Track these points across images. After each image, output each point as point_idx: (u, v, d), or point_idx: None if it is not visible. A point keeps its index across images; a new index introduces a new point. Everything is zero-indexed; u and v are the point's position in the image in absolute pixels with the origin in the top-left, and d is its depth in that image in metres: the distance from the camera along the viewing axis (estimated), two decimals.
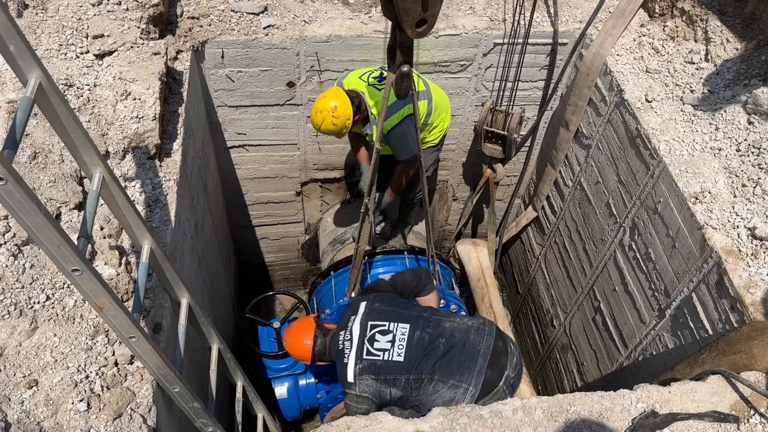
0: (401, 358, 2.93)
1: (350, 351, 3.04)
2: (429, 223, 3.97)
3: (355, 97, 3.50)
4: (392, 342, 2.98)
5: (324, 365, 3.44)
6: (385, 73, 3.65)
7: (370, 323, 3.09)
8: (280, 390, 4.07)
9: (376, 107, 3.57)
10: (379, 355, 2.96)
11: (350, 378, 2.99)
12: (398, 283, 3.41)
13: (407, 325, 3.03)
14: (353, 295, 4.20)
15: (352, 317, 3.17)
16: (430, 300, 3.46)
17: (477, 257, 5.16)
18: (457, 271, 5.18)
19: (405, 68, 2.63)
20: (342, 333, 3.15)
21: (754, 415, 2.30)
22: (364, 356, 2.99)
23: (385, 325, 3.06)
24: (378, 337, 3.02)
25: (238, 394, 3.01)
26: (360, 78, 3.65)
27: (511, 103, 4.37)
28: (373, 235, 4.48)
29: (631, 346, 3.71)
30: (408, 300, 3.36)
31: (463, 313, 3.99)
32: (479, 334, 2.97)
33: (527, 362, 5.34)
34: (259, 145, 4.62)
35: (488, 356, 2.88)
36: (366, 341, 3.02)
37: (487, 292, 4.93)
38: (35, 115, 2.60)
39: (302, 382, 4.10)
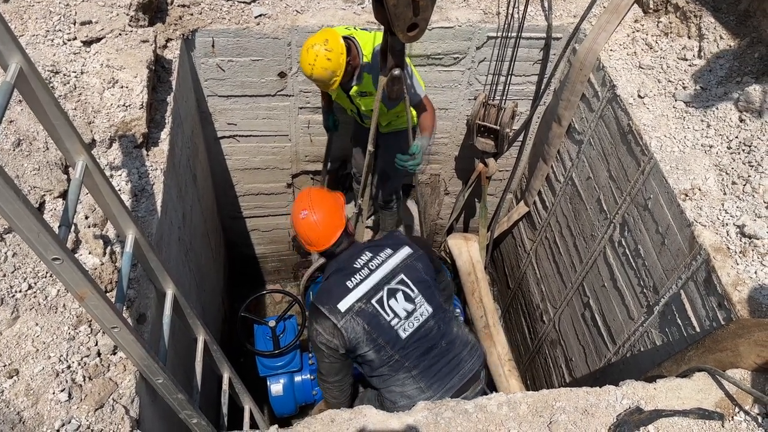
0: (404, 334, 2.65)
1: (363, 282, 2.66)
2: (422, 220, 3.98)
3: (346, 38, 3.27)
4: (409, 314, 2.67)
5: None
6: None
7: (402, 276, 2.71)
8: (276, 387, 4.07)
9: (366, 47, 3.35)
10: (388, 316, 2.64)
11: (343, 306, 2.60)
12: (443, 274, 3.05)
13: (431, 309, 2.72)
14: None
15: (389, 252, 2.76)
16: None
17: (468, 252, 5.16)
18: (449, 266, 5.18)
19: (396, 72, 2.63)
20: (367, 254, 2.74)
21: (738, 412, 2.31)
22: (374, 302, 2.64)
23: (413, 292, 2.71)
24: (399, 298, 2.67)
25: (225, 386, 3.00)
26: (346, 29, 3.47)
27: (504, 98, 4.35)
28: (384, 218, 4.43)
29: (619, 342, 3.71)
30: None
31: (462, 318, 3.90)
32: (471, 354, 2.82)
33: (516, 357, 5.35)
34: (250, 135, 4.58)
35: (466, 378, 2.76)
36: (386, 290, 2.67)
37: (477, 287, 4.93)
38: (20, 101, 2.56)
39: (297, 378, 4.10)
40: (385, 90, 2.69)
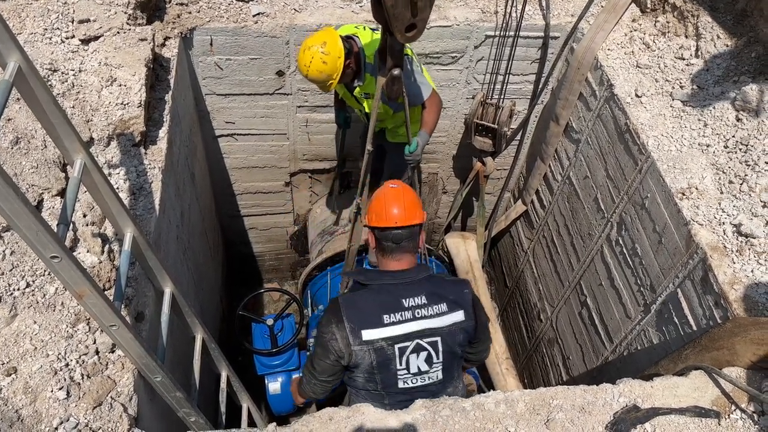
0: (403, 385, 2.48)
1: (399, 324, 2.39)
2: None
3: (345, 39, 3.25)
4: (419, 373, 2.47)
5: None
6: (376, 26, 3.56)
7: (437, 340, 2.45)
8: (274, 386, 4.07)
9: (368, 48, 3.33)
10: (400, 365, 2.44)
11: (366, 336, 2.37)
12: (481, 344, 2.72)
13: (441, 377, 2.52)
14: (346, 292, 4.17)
15: (444, 309, 2.45)
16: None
17: (466, 250, 5.16)
18: (446, 265, 5.18)
19: (396, 72, 2.63)
20: (423, 298, 2.43)
21: (735, 410, 2.32)
22: (396, 347, 2.42)
23: (437, 358, 2.47)
24: (421, 356, 2.45)
25: (223, 384, 3.00)
26: (356, 27, 3.46)
27: (502, 97, 4.36)
28: None
29: (616, 340, 3.72)
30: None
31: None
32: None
33: (514, 356, 5.36)
34: (248, 134, 4.59)
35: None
36: (415, 343, 2.43)
37: (475, 286, 4.94)
38: (18, 99, 2.56)
39: (295, 377, 4.10)
40: (384, 90, 2.69)
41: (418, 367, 2.45)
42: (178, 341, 2.89)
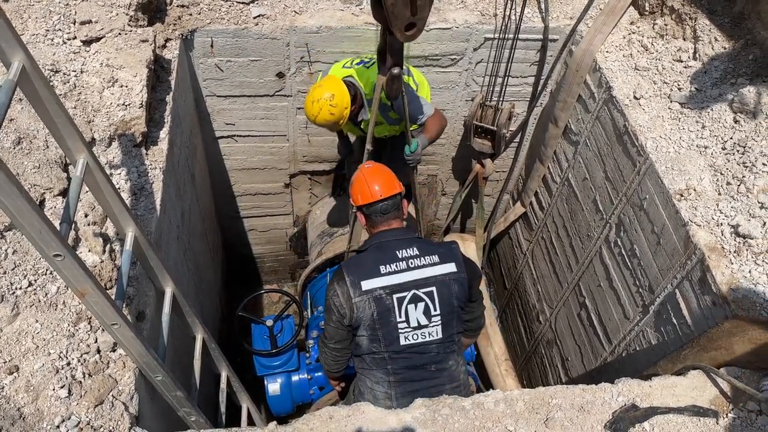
0: (403, 342, 2.59)
1: (395, 273, 2.58)
2: (419, 221, 4.00)
3: (350, 86, 3.34)
4: (419, 326, 2.59)
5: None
6: (365, 57, 3.62)
7: (432, 289, 2.61)
8: (273, 386, 4.07)
9: (367, 86, 3.43)
10: (399, 317, 2.57)
11: (365, 285, 2.54)
12: (476, 306, 2.88)
13: (440, 335, 2.63)
14: None
15: (436, 259, 2.63)
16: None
17: (465, 252, 5.17)
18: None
19: (396, 71, 2.65)
20: (415, 249, 2.63)
21: (733, 409, 2.33)
22: (394, 297, 2.56)
23: (434, 310, 2.60)
24: (419, 307, 2.59)
25: (222, 384, 3.02)
26: (344, 67, 3.58)
27: (501, 99, 4.38)
28: None
29: (615, 341, 3.73)
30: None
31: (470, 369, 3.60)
32: (452, 392, 2.66)
33: (513, 357, 5.37)
34: (248, 135, 4.60)
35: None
36: (412, 293, 2.57)
37: None
38: (20, 100, 2.57)
39: (295, 378, 4.10)
40: (384, 88, 2.71)
41: (418, 321, 2.58)
42: (178, 341, 2.90)
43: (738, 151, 3.03)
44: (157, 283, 2.44)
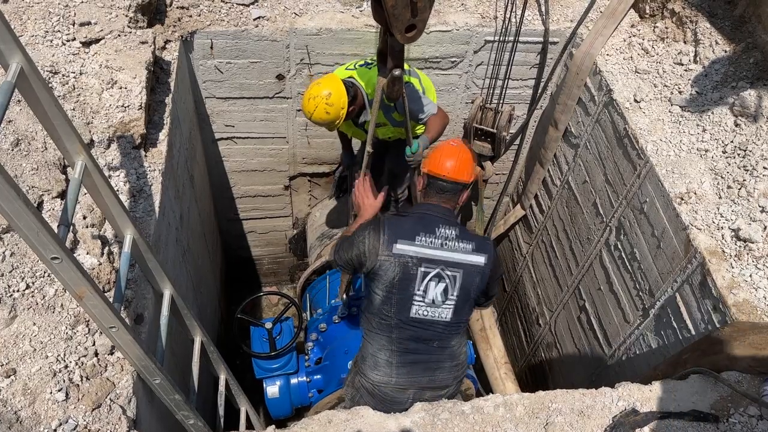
0: (413, 314, 2.66)
1: (429, 248, 2.65)
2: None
3: (350, 87, 3.33)
4: (432, 304, 2.67)
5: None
6: (369, 59, 3.61)
7: (457, 275, 2.67)
8: (272, 389, 4.06)
9: (369, 86, 3.42)
10: (418, 289, 2.64)
11: (397, 248, 2.61)
12: (489, 299, 2.98)
13: (449, 318, 2.70)
14: (344, 297, 4.20)
15: (469, 248, 2.71)
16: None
17: None
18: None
19: (396, 72, 2.64)
20: (454, 233, 2.70)
21: (733, 414, 2.32)
22: (420, 269, 2.63)
23: (452, 294, 2.68)
24: (440, 286, 2.66)
25: (221, 387, 3.01)
26: (347, 69, 3.57)
27: (501, 101, 4.37)
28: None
29: (615, 345, 3.72)
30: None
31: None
32: (451, 370, 2.81)
33: (513, 360, 5.35)
34: (248, 137, 4.59)
35: (433, 384, 2.79)
36: (438, 270, 2.65)
37: None
38: (19, 101, 2.56)
39: (294, 381, 4.09)
40: (385, 90, 2.70)
41: (434, 298, 2.67)
42: (177, 344, 2.89)
43: (739, 154, 3.03)
44: (156, 286, 2.43)
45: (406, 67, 3.35)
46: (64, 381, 2.01)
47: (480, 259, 2.71)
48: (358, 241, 2.68)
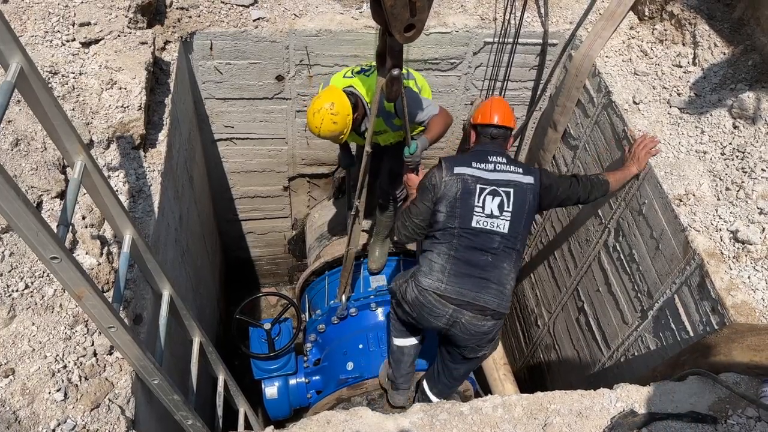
0: (474, 224, 2.94)
1: (483, 170, 3.03)
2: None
3: (350, 95, 3.31)
4: (490, 216, 2.97)
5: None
6: (366, 65, 3.61)
7: (510, 191, 3.01)
8: (271, 390, 4.06)
9: (369, 94, 3.41)
10: (477, 202, 2.97)
11: (457, 170, 3.01)
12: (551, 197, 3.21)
13: (506, 230, 2.97)
14: (344, 298, 4.21)
15: (519, 170, 3.08)
16: None
17: None
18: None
19: (395, 72, 2.64)
20: (503, 159, 3.09)
21: (732, 415, 2.33)
22: (478, 185, 2.99)
23: (507, 207, 2.99)
24: (495, 200, 3.00)
25: (220, 388, 3.00)
26: (345, 77, 3.53)
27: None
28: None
29: (613, 346, 3.73)
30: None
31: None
32: (496, 294, 2.95)
33: (511, 361, 5.35)
34: (247, 138, 4.59)
35: (478, 303, 2.92)
36: (492, 188, 3.00)
37: None
38: (18, 101, 2.57)
39: (292, 381, 4.09)
40: (384, 90, 2.70)
41: (491, 210, 2.98)
42: (175, 344, 2.89)
43: (737, 156, 3.04)
44: (155, 286, 2.43)
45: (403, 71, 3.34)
46: (62, 381, 2.01)
47: (529, 179, 3.06)
48: (428, 181, 3.05)
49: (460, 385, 3.72)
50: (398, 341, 3.54)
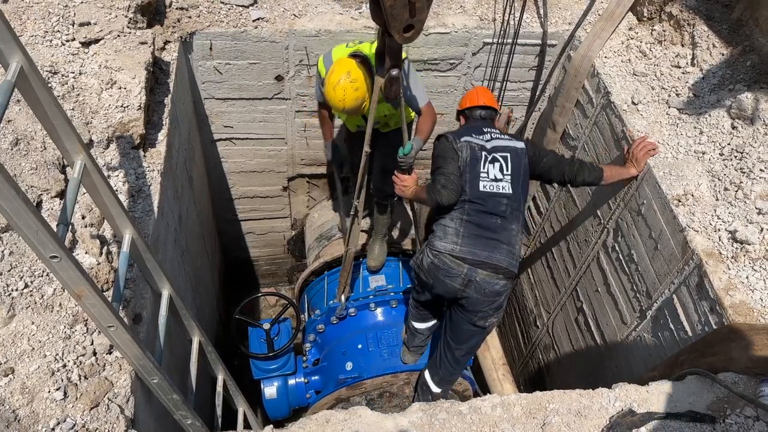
0: (482, 188, 3.12)
1: (481, 139, 3.26)
2: (416, 223, 3.99)
3: (356, 56, 3.18)
4: (494, 180, 3.17)
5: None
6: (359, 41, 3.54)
7: (507, 155, 3.23)
8: (270, 390, 4.06)
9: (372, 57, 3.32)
10: (483, 168, 3.17)
11: (462, 139, 3.22)
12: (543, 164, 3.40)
13: (510, 191, 3.17)
14: (343, 298, 4.21)
15: (508, 138, 3.34)
16: None
17: None
18: None
19: (394, 72, 2.65)
20: (495, 132, 3.35)
21: (730, 415, 2.33)
22: (482, 153, 3.20)
23: (507, 170, 3.20)
24: (496, 166, 3.20)
25: (219, 388, 3.00)
26: (347, 46, 3.38)
27: (500, 103, 4.38)
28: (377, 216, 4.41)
29: (612, 346, 3.73)
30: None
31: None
32: (506, 254, 3.07)
33: (510, 362, 5.36)
34: (247, 138, 4.60)
35: (491, 262, 3.04)
36: (491, 155, 3.21)
37: None
38: (18, 101, 2.57)
39: (291, 381, 4.09)
40: (382, 91, 2.71)
41: (494, 175, 3.19)
42: (175, 344, 2.89)
43: (736, 156, 3.04)
44: (154, 286, 2.44)
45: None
46: (62, 380, 2.01)
47: (521, 144, 3.31)
48: (442, 147, 3.24)
49: (460, 371, 3.75)
50: (416, 324, 3.79)
